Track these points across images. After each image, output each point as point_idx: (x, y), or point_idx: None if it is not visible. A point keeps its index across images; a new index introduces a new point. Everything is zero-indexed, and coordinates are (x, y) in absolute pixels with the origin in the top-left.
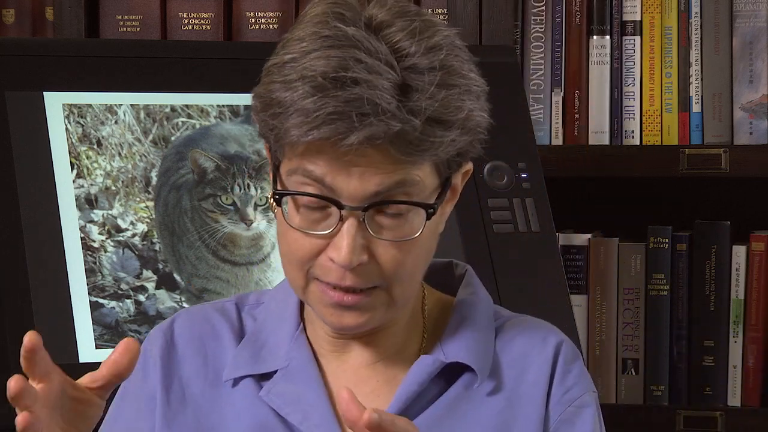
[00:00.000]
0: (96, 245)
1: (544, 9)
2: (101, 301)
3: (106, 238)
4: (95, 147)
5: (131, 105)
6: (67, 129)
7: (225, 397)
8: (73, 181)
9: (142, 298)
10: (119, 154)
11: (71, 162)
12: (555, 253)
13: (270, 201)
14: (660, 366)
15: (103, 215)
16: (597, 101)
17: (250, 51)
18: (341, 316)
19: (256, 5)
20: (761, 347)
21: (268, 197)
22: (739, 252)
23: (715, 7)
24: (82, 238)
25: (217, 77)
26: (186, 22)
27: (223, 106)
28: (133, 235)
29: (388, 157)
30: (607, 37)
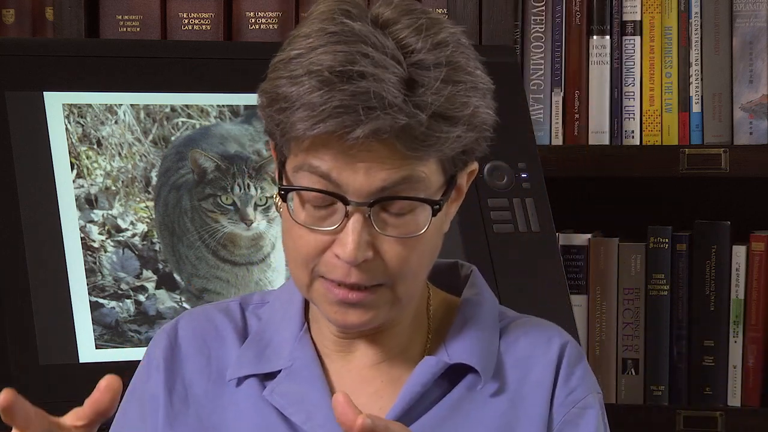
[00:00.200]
0: (96, 245)
1: (544, 9)
2: (101, 301)
3: (106, 238)
4: (95, 147)
5: (131, 105)
6: (67, 129)
7: (228, 396)
8: (73, 181)
9: (142, 298)
10: (119, 154)
11: (71, 162)
12: (555, 253)
13: (275, 200)
14: (660, 366)
15: (103, 215)
16: (597, 101)
17: (250, 51)
18: (345, 314)
19: (256, 5)
20: (761, 347)
21: (274, 196)
22: (739, 252)
23: (715, 7)
24: (82, 238)
25: (217, 77)
26: (186, 22)
27: (223, 106)
28: (133, 235)
29: (394, 152)
30: (607, 37)
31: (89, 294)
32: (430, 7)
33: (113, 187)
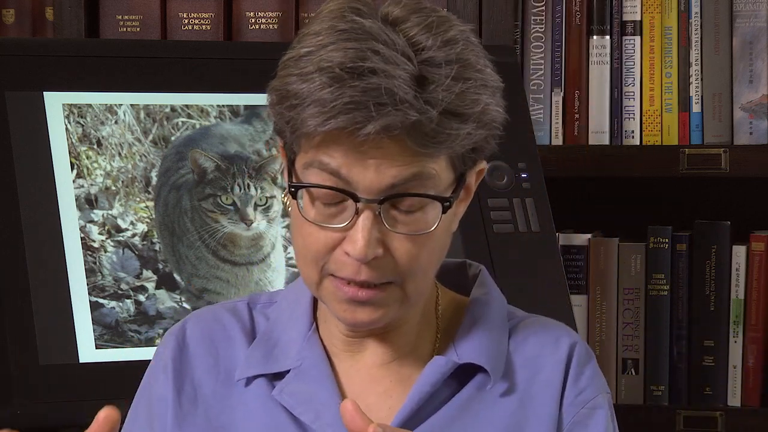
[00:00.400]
0: (96, 245)
1: (544, 9)
2: (101, 301)
3: (106, 238)
4: (95, 147)
5: (131, 105)
6: (67, 129)
7: (237, 396)
8: (73, 181)
9: (142, 298)
10: (119, 154)
11: (71, 162)
12: (555, 253)
13: (284, 200)
14: (660, 366)
15: (103, 215)
16: (597, 101)
17: (250, 51)
18: (355, 312)
19: (256, 5)
20: (761, 347)
21: (283, 196)
22: (739, 252)
23: (715, 7)
24: (82, 238)
25: (217, 77)
26: (186, 22)
27: (223, 106)
28: (133, 235)
29: (404, 149)
30: (607, 37)
31: (89, 294)
32: None
33: (113, 187)
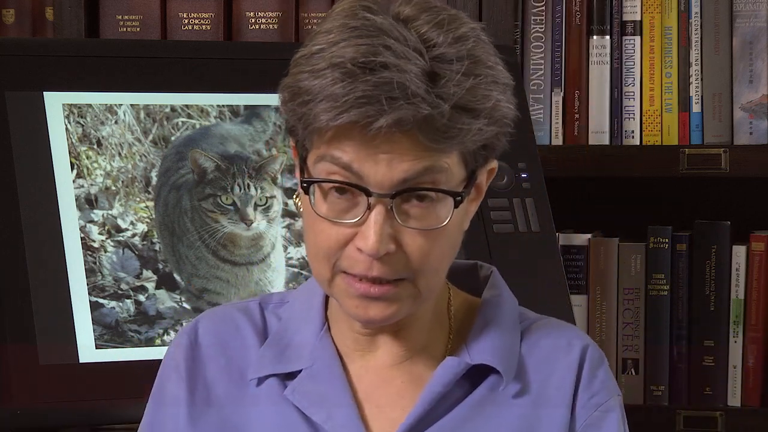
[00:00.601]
0: (96, 245)
1: (544, 9)
2: (101, 301)
3: (106, 238)
4: (95, 147)
5: (131, 105)
6: (67, 129)
7: (249, 396)
8: (73, 181)
9: (142, 298)
10: (119, 154)
11: (71, 162)
12: (555, 253)
13: (295, 200)
14: (660, 366)
15: (103, 215)
16: (597, 101)
17: (250, 51)
18: (367, 308)
19: (256, 5)
20: (761, 347)
21: (294, 197)
22: (739, 252)
23: (715, 7)
24: (82, 238)
25: (217, 77)
26: (186, 22)
27: (223, 106)
28: (133, 235)
29: (416, 144)
30: (607, 37)
31: (89, 294)
32: None
33: (113, 187)
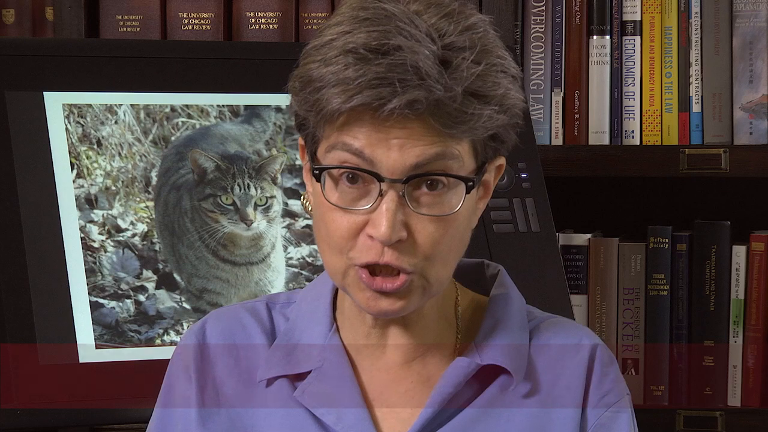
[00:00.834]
0: (96, 245)
1: (544, 9)
2: (101, 301)
3: (106, 238)
4: (95, 147)
5: (131, 105)
6: (67, 129)
7: (259, 397)
8: (73, 181)
9: (142, 298)
10: (119, 154)
11: (71, 162)
12: (555, 253)
13: (303, 201)
14: (660, 366)
15: (103, 215)
16: (597, 101)
17: (250, 51)
18: (379, 301)
19: (256, 5)
20: (761, 347)
21: (302, 196)
22: (739, 252)
23: (715, 7)
24: (82, 238)
25: (217, 77)
26: (186, 22)
27: (223, 106)
28: (133, 235)
29: (428, 129)
30: (607, 37)
31: (89, 294)
32: None
33: (113, 187)
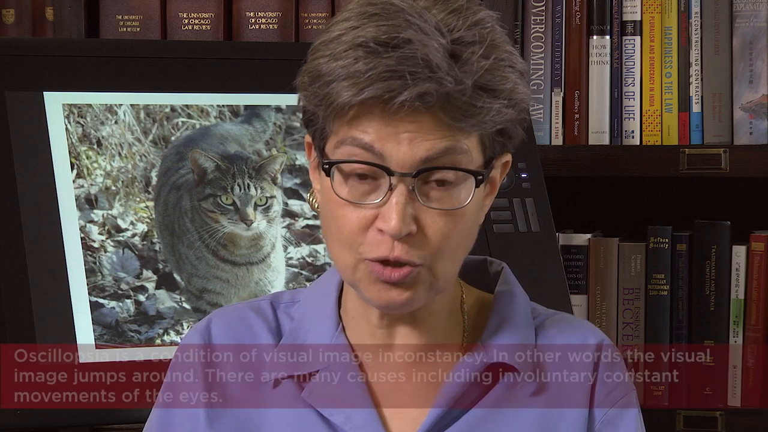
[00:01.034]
0: (96, 245)
1: (544, 9)
2: (101, 301)
3: (106, 238)
4: (95, 147)
5: (131, 105)
6: (67, 129)
7: (266, 397)
8: (73, 181)
9: (142, 298)
10: (119, 154)
11: (71, 162)
12: (555, 253)
13: (309, 199)
14: (660, 366)
15: (103, 215)
16: (597, 101)
17: (250, 51)
18: (387, 292)
19: (256, 5)
20: (761, 347)
21: (309, 194)
22: (739, 252)
23: (715, 7)
24: (82, 238)
25: (217, 77)
26: (186, 22)
27: (223, 106)
28: (133, 235)
29: (437, 122)
30: (607, 37)
31: (89, 294)
32: None
33: (113, 187)
